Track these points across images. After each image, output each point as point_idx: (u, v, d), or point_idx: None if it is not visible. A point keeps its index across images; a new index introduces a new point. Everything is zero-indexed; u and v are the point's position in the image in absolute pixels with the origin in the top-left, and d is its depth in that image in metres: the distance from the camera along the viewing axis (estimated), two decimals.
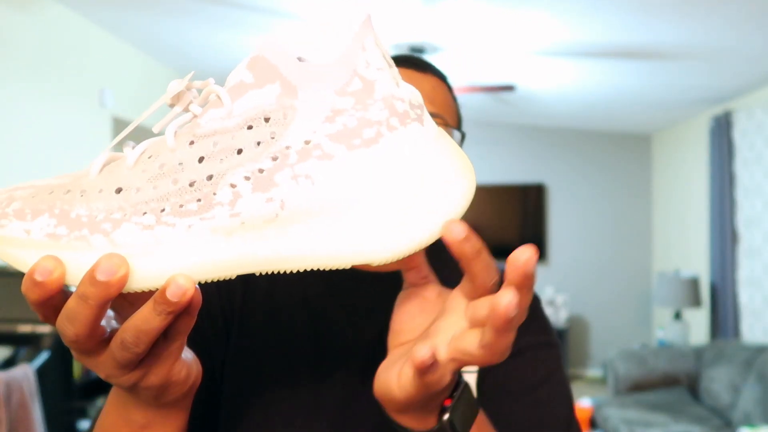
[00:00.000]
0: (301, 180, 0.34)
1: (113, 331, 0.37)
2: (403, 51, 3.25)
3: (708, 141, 4.25)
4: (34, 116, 2.72)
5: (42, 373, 2.18)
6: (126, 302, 0.40)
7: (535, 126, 5.39)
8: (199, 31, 3.19)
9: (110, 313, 0.40)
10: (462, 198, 0.37)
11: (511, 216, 5.39)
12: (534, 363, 0.67)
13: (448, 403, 0.43)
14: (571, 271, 5.40)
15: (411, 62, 0.70)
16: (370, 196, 0.35)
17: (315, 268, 0.36)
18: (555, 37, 3.00)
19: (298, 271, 0.69)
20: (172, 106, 0.37)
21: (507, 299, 0.33)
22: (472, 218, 5.36)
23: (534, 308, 0.72)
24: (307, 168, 0.34)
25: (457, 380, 0.44)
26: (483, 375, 0.66)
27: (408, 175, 0.35)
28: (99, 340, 0.36)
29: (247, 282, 0.67)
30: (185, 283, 0.33)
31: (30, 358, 2.26)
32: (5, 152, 2.55)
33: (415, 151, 0.36)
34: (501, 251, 5.40)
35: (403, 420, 0.43)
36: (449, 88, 0.72)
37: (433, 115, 0.66)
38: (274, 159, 0.34)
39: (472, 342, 0.37)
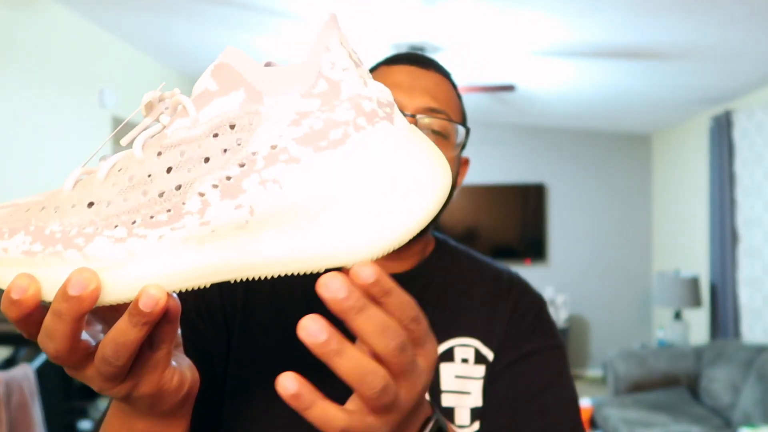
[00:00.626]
0: (269, 185, 0.34)
1: (98, 345, 0.37)
2: (403, 51, 3.25)
3: (708, 141, 4.25)
4: (34, 116, 2.72)
5: (42, 373, 2.18)
6: (117, 314, 0.40)
7: (535, 126, 5.39)
8: (199, 31, 3.19)
9: (99, 326, 0.41)
10: (436, 195, 0.37)
11: (511, 216, 5.38)
12: (540, 368, 0.67)
13: None
14: (571, 271, 5.39)
15: (414, 59, 0.71)
16: (340, 198, 0.35)
17: (290, 273, 0.36)
18: (555, 37, 3.00)
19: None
20: (145, 116, 0.37)
21: (306, 322, 0.33)
22: (473, 218, 5.36)
23: (539, 311, 0.72)
24: (274, 173, 0.34)
25: (429, 416, 0.43)
26: (491, 380, 0.67)
27: (378, 175, 0.35)
28: (83, 354, 0.36)
29: (248, 281, 0.67)
30: (156, 293, 0.33)
31: (30, 358, 2.26)
32: (5, 152, 2.55)
33: (385, 150, 0.36)
34: (501, 251, 5.41)
35: None
36: (453, 85, 0.72)
37: (436, 111, 0.67)
38: (241, 165, 0.34)
39: None
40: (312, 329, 0.33)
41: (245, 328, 0.65)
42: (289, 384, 0.34)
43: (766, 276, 3.61)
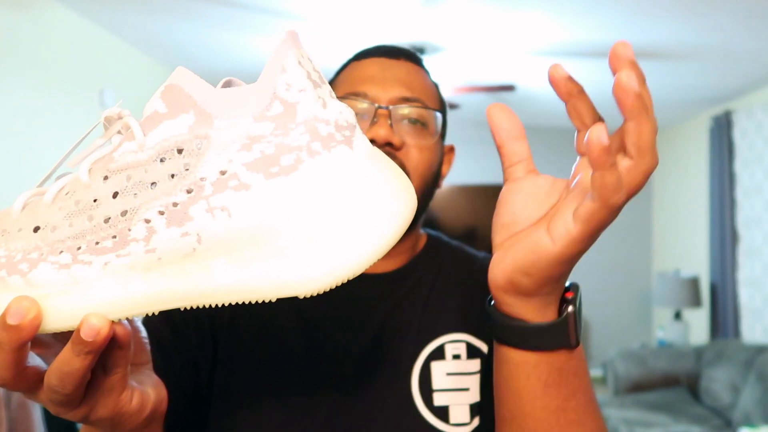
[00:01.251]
0: (217, 212, 0.33)
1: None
2: None
3: (708, 141, 4.25)
4: (34, 116, 2.72)
5: None
6: None
7: (535, 126, 5.39)
8: (199, 31, 3.19)
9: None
10: (397, 220, 0.35)
11: None
12: None
13: (569, 295, 0.42)
14: (572, 271, 5.39)
15: (382, 51, 0.70)
16: (290, 226, 0.33)
17: (240, 302, 0.34)
18: (555, 37, 3.00)
19: None
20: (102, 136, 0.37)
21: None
22: (473, 218, 5.36)
23: None
24: (223, 200, 0.33)
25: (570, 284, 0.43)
26: (488, 373, 0.66)
27: (333, 202, 0.34)
28: (33, 380, 0.36)
29: None
30: (97, 322, 0.32)
31: None
32: (5, 152, 2.55)
33: (342, 176, 0.34)
34: None
35: (524, 310, 0.42)
36: (426, 72, 0.71)
37: (411, 100, 0.65)
38: (189, 192, 0.33)
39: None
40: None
41: (234, 333, 0.64)
42: (603, 136, 0.32)
43: (766, 276, 3.61)
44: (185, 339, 0.62)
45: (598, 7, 2.57)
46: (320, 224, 0.34)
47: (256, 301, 0.34)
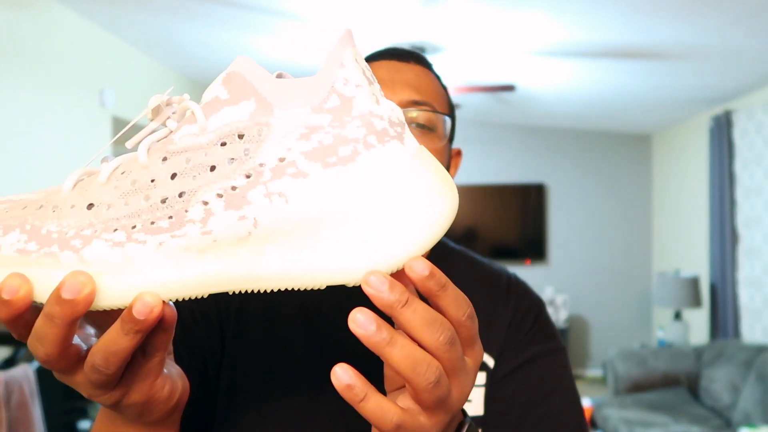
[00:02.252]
0: (275, 198, 0.34)
1: (89, 351, 0.36)
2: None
3: (708, 141, 4.25)
4: (34, 116, 2.72)
5: (42, 373, 2.18)
6: (111, 319, 0.39)
7: (535, 126, 5.39)
8: (199, 31, 3.19)
9: (91, 330, 0.40)
10: (442, 217, 0.36)
11: (511, 216, 5.39)
12: (542, 372, 0.67)
13: None
14: (571, 271, 5.39)
15: (393, 54, 0.69)
16: (346, 215, 0.34)
17: (290, 288, 0.35)
18: (554, 37, 3.00)
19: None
20: (152, 120, 0.37)
21: (356, 314, 0.34)
22: (473, 218, 5.36)
23: (538, 314, 0.71)
24: (281, 186, 0.34)
25: (462, 420, 0.43)
26: (493, 388, 0.66)
27: (386, 194, 0.35)
28: (74, 360, 0.36)
29: None
30: (152, 300, 0.32)
31: (30, 358, 2.26)
32: (5, 152, 2.55)
33: (394, 170, 0.35)
34: (501, 251, 5.42)
35: None
36: (436, 75, 0.71)
37: (419, 103, 0.65)
38: (248, 176, 0.34)
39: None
40: (362, 320, 0.33)
41: (239, 332, 0.64)
42: (343, 375, 0.34)
43: (766, 276, 3.61)
44: (194, 336, 0.62)
45: (598, 7, 2.57)
46: (373, 214, 0.34)
47: (305, 289, 0.35)
